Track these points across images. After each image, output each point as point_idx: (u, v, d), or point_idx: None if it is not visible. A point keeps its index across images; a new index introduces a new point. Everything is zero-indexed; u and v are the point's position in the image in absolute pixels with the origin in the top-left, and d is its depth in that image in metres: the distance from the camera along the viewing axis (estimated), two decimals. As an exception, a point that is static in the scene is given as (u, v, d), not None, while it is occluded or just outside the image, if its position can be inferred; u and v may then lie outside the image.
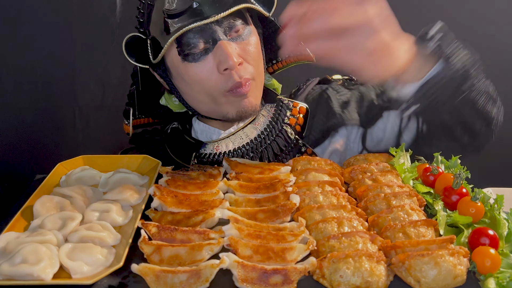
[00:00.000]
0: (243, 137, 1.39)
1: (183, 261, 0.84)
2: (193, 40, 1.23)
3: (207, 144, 1.39)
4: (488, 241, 0.84)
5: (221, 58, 1.22)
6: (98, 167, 1.18)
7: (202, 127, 1.43)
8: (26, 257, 0.82)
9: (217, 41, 1.23)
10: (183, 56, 1.24)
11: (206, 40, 1.23)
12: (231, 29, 1.25)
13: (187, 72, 1.26)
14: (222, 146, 1.38)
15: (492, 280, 0.79)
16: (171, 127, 1.47)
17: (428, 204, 1.02)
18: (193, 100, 1.34)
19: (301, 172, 1.11)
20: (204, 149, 1.38)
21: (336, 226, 0.90)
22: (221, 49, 1.23)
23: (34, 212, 0.99)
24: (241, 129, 1.40)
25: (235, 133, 1.40)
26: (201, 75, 1.25)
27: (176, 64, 1.27)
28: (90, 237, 0.90)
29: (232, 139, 1.39)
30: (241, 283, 0.79)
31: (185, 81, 1.29)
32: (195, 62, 1.24)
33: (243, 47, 1.27)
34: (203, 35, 1.23)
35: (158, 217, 0.98)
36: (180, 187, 1.07)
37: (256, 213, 0.97)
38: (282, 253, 0.84)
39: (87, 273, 0.82)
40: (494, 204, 0.95)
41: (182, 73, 1.27)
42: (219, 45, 1.23)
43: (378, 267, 0.80)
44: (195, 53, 1.24)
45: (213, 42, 1.23)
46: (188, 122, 1.47)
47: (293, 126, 1.39)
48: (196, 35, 1.22)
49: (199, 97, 1.31)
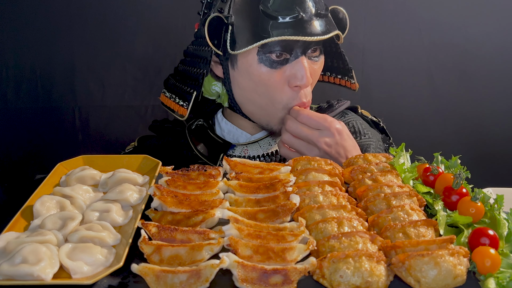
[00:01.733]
0: (272, 143, 1.38)
1: (183, 261, 0.84)
2: (277, 47, 1.23)
3: (236, 147, 1.38)
4: (488, 241, 0.84)
5: (298, 73, 1.23)
6: (98, 167, 1.18)
7: (229, 127, 1.42)
8: (26, 257, 0.82)
9: (298, 56, 1.24)
10: (261, 57, 1.24)
11: (290, 50, 1.23)
12: (312, 49, 1.27)
13: (259, 73, 1.25)
14: (251, 150, 1.38)
15: (492, 280, 0.79)
16: (197, 123, 1.45)
17: (428, 204, 1.02)
18: (245, 97, 1.32)
19: (301, 172, 1.11)
20: (233, 151, 1.38)
21: (336, 226, 0.90)
22: (300, 65, 1.23)
23: (34, 212, 0.99)
24: (270, 135, 1.40)
25: (264, 138, 1.39)
26: (273, 83, 1.25)
27: (250, 62, 1.26)
28: (90, 237, 0.90)
29: (261, 144, 1.39)
30: (241, 283, 0.79)
31: (253, 80, 1.27)
32: (271, 68, 1.24)
33: (314, 67, 1.29)
34: (289, 45, 1.23)
35: (158, 217, 0.98)
36: (180, 187, 1.06)
37: (256, 213, 0.97)
38: (282, 253, 0.84)
39: (87, 273, 0.82)
40: (494, 204, 0.95)
41: (253, 72, 1.26)
42: (299, 61, 1.24)
43: (378, 267, 0.80)
44: (274, 59, 1.23)
45: (295, 55, 1.24)
46: (211, 118, 1.46)
47: None
48: (283, 43, 1.22)
49: (257, 98, 1.30)
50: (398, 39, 2.11)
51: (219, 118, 1.46)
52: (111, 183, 1.10)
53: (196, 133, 1.42)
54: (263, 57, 1.24)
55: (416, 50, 2.13)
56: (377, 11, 2.07)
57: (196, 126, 1.44)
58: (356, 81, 1.47)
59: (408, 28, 2.11)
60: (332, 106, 1.52)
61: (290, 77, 1.24)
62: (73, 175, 1.12)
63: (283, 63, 1.24)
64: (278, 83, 1.25)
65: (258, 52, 1.24)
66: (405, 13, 2.09)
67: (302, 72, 1.23)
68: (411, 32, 2.11)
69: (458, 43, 2.12)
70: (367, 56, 2.10)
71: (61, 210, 1.00)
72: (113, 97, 2.07)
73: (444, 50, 2.13)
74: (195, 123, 1.45)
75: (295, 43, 1.23)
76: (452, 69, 2.15)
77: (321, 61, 1.32)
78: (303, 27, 1.21)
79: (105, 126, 2.09)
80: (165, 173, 1.13)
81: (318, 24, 1.23)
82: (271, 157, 1.37)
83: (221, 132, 1.44)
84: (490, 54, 2.13)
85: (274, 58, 1.24)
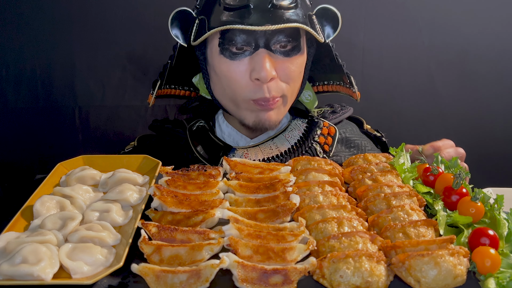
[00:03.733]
0: (273, 147, 1.38)
1: (183, 261, 0.84)
2: (236, 38, 1.22)
3: (236, 150, 1.38)
4: (488, 241, 0.84)
5: (256, 66, 1.22)
6: (98, 167, 1.18)
7: (230, 130, 1.42)
8: (26, 257, 0.82)
9: (258, 48, 1.23)
10: (222, 49, 1.24)
11: (249, 42, 1.23)
12: (277, 42, 1.24)
13: (220, 65, 1.26)
14: (251, 154, 1.37)
15: (492, 280, 0.79)
16: (198, 125, 1.45)
17: (428, 204, 1.02)
18: (218, 91, 1.35)
19: (301, 172, 1.11)
20: (233, 154, 1.38)
21: (336, 226, 0.90)
22: (259, 57, 1.22)
23: (34, 212, 0.99)
24: (270, 139, 1.40)
25: (265, 143, 1.39)
26: (232, 74, 1.26)
27: (213, 54, 1.28)
28: (90, 237, 0.90)
29: (262, 148, 1.38)
30: (241, 283, 0.79)
31: (216, 72, 1.29)
32: (231, 60, 1.24)
33: (284, 63, 1.26)
34: (248, 36, 1.22)
35: (158, 217, 0.98)
36: (180, 187, 1.06)
37: (256, 213, 0.97)
38: (282, 253, 0.84)
39: (87, 273, 0.82)
40: (494, 204, 0.95)
41: (215, 64, 1.28)
42: (259, 53, 1.23)
43: (378, 267, 0.80)
44: (233, 51, 1.24)
45: (255, 47, 1.23)
46: (211, 119, 1.46)
47: (321, 145, 1.39)
48: (241, 34, 1.22)
49: (224, 92, 1.32)
50: (398, 39, 2.11)
51: (220, 120, 1.46)
52: (111, 183, 1.10)
53: (197, 134, 1.42)
54: (224, 49, 1.25)
55: (416, 50, 2.13)
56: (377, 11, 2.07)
57: (197, 128, 1.44)
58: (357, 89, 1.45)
59: (408, 28, 2.10)
60: (335, 113, 1.51)
61: (251, 71, 1.24)
62: (73, 175, 1.12)
63: (242, 56, 1.24)
64: (238, 75, 1.25)
65: (219, 43, 1.25)
66: (405, 13, 2.09)
67: (260, 64, 1.21)
68: (411, 32, 2.11)
69: (458, 43, 2.12)
70: (367, 56, 2.10)
71: (61, 210, 1.00)
72: (113, 97, 2.07)
73: (444, 50, 2.12)
74: (196, 124, 1.45)
75: (252, 33, 1.21)
76: (452, 69, 2.15)
77: (295, 58, 1.28)
78: (247, 17, 1.19)
79: (105, 126, 2.09)
80: (165, 173, 1.13)
81: (270, 15, 1.20)
82: (271, 161, 1.36)
83: (221, 134, 1.44)
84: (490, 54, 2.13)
85: (233, 50, 1.24)
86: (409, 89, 2.17)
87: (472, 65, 2.14)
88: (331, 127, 1.44)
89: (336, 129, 1.44)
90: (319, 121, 1.44)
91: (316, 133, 1.41)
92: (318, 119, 1.45)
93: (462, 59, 2.14)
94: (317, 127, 1.42)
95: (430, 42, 2.12)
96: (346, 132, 1.50)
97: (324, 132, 1.42)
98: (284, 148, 1.38)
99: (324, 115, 1.50)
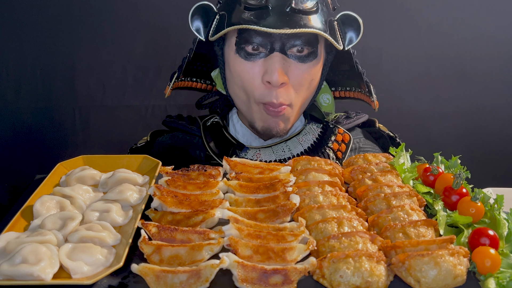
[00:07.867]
0: (285, 150, 1.38)
1: (183, 261, 0.84)
2: (252, 38, 1.23)
3: (249, 150, 1.38)
4: (488, 241, 0.84)
5: (269, 69, 1.22)
6: (98, 167, 1.18)
7: (244, 130, 1.42)
8: (26, 257, 0.82)
9: (273, 51, 1.23)
10: (238, 48, 1.25)
11: (264, 44, 1.23)
12: (293, 47, 1.24)
13: (234, 64, 1.27)
14: (264, 154, 1.37)
15: (492, 280, 0.79)
16: (213, 121, 1.45)
17: (428, 204, 1.02)
18: (231, 90, 1.36)
19: (301, 172, 1.11)
20: (246, 153, 1.38)
21: (336, 226, 0.90)
22: (273, 60, 1.22)
23: (34, 212, 0.99)
24: (284, 141, 1.40)
25: (278, 144, 1.39)
26: (245, 75, 1.26)
27: (230, 52, 1.29)
28: (90, 237, 0.90)
29: (274, 149, 1.38)
30: (241, 283, 0.79)
31: (231, 70, 1.30)
32: (245, 60, 1.25)
33: (297, 69, 1.25)
34: (264, 38, 1.22)
35: (158, 217, 0.98)
36: (180, 187, 1.06)
37: (256, 213, 0.97)
38: (282, 253, 0.84)
39: (87, 273, 0.82)
40: (494, 204, 0.95)
41: (230, 63, 1.29)
42: (273, 56, 1.23)
43: (378, 267, 0.80)
44: (248, 51, 1.24)
45: (270, 49, 1.23)
46: (225, 117, 1.46)
47: (335, 151, 1.39)
48: (257, 35, 1.22)
49: (237, 91, 1.33)
50: (398, 39, 2.11)
51: (235, 120, 1.46)
52: (111, 183, 1.10)
53: (211, 130, 1.42)
54: (239, 48, 1.25)
55: (416, 50, 2.13)
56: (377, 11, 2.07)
57: (212, 123, 1.44)
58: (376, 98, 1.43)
59: (408, 28, 2.11)
60: (350, 118, 1.50)
61: (263, 73, 1.24)
62: (73, 175, 1.12)
63: (257, 57, 1.25)
64: (251, 75, 1.26)
65: (236, 42, 1.25)
66: (405, 13, 2.09)
67: (272, 68, 1.21)
68: (411, 32, 2.11)
69: (458, 43, 2.12)
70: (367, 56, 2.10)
71: (61, 210, 1.00)
72: (113, 97, 2.07)
73: (444, 50, 2.13)
74: (210, 120, 1.45)
75: (269, 35, 1.21)
76: (452, 69, 2.15)
77: (310, 65, 1.27)
78: (264, 18, 1.19)
79: (105, 126, 2.09)
80: (165, 173, 1.13)
81: (286, 18, 1.19)
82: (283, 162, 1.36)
83: (235, 133, 1.44)
84: (490, 54, 2.13)
85: (249, 51, 1.25)
86: (409, 89, 2.17)
87: (472, 65, 2.14)
88: (345, 134, 1.43)
89: (350, 137, 1.43)
90: (335, 128, 1.43)
91: (330, 139, 1.40)
92: (333, 125, 1.43)
93: (462, 59, 2.14)
94: (331, 133, 1.41)
95: (430, 42, 2.12)
96: (360, 142, 1.49)
97: (338, 138, 1.42)
98: (296, 151, 1.39)
99: (338, 120, 1.48)
